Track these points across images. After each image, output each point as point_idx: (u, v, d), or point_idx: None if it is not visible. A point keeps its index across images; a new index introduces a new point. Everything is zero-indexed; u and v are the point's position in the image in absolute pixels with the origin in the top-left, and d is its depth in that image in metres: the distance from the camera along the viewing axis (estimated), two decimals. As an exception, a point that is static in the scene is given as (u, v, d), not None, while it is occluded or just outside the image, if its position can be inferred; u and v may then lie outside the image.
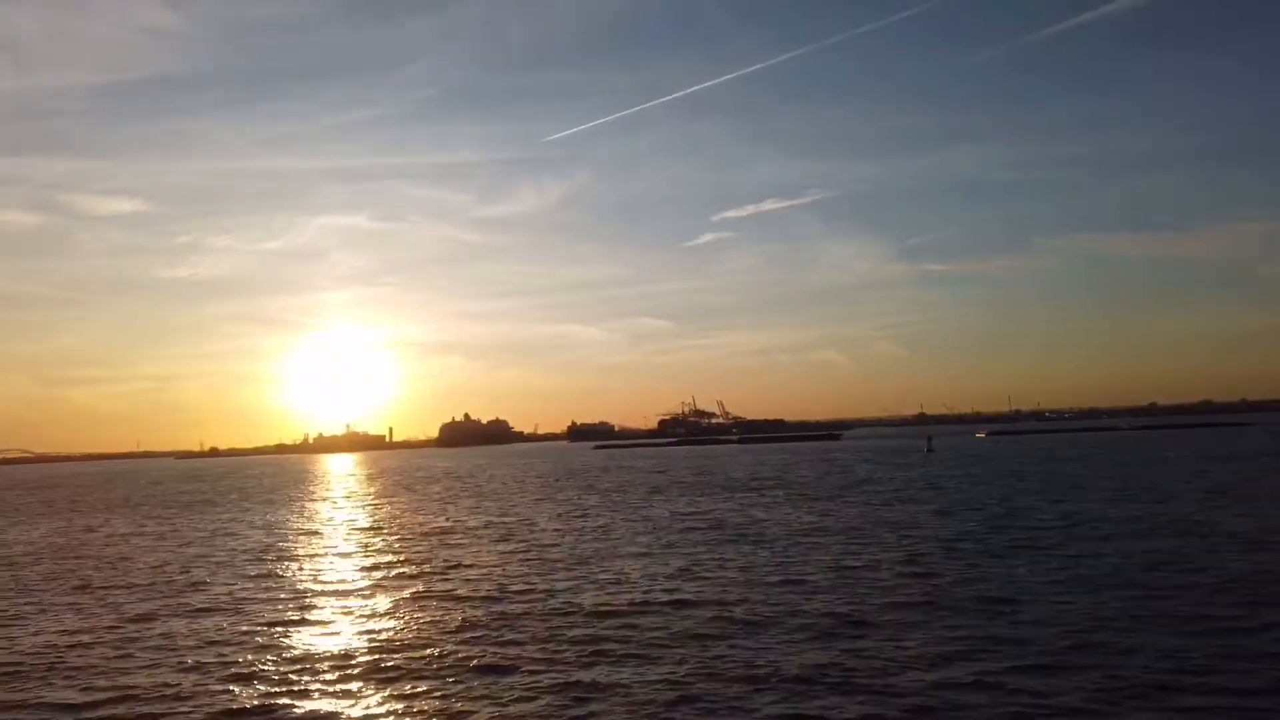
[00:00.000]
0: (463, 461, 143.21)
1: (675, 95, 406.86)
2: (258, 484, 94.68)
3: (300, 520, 45.60)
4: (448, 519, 42.07)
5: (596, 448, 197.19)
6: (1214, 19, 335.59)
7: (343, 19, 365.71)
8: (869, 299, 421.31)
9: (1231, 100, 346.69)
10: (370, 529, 39.22)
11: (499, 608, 19.79)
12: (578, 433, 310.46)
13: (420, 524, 40.23)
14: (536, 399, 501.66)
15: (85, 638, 18.47)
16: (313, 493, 72.24)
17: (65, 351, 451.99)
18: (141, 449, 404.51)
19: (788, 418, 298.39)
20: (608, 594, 20.83)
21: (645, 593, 20.79)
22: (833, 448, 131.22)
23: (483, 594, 21.52)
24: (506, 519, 40.52)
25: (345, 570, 26.70)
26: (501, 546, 30.58)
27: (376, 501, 57.30)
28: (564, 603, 19.99)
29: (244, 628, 18.81)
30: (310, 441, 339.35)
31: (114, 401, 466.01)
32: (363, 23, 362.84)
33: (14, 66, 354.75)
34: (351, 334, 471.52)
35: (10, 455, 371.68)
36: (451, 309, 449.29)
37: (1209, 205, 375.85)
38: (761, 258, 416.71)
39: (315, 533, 38.70)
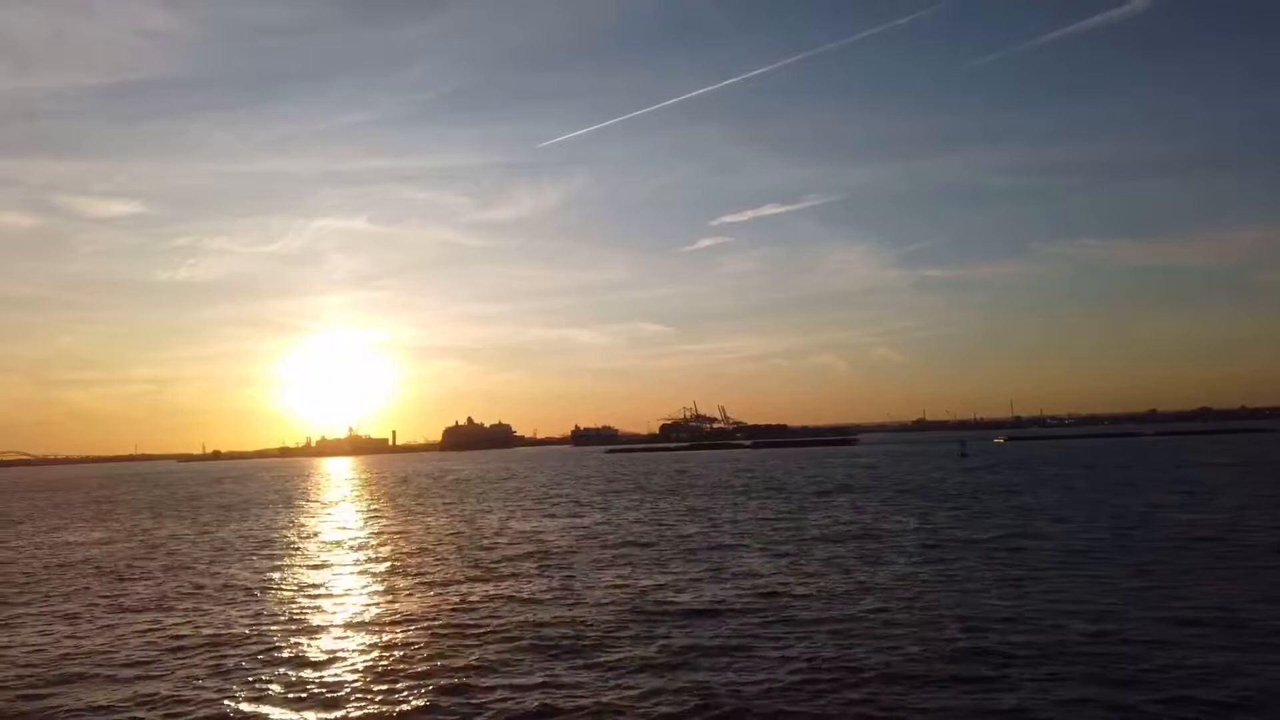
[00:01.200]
0: (478, 465, 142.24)
1: (674, 100, 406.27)
2: (287, 487, 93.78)
3: (377, 525, 44.82)
4: (537, 524, 41.36)
5: (608, 452, 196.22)
6: (1208, 27, 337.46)
7: (341, 22, 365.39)
8: (867, 304, 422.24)
9: (1226, 107, 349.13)
10: (462, 534, 38.44)
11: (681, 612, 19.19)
12: (581, 437, 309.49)
13: (519, 529, 39.54)
14: (535, 403, 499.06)
15: (238, 642, 17.85)
16: (352, 497, 71.34)
17: (63, 353, 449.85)
18: (140, 452, 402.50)
19: (788, 422, 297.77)
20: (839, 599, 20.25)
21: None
22: (854, 452, 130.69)
23: (660, 592, 20.93)
24: (583, 520, 39.85)
25: (475, 576, 26.02)
26: (622, 551, 29.94)
27: (438, 506, 56.46)
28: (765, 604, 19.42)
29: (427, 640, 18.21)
30: (313, 445, 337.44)
31: (111, 403, 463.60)
32: (361, 26, 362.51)
33: (13, 67, 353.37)
34: (349, 337, 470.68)
35: (8, 457, 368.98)
36: (449, 312, 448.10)
37: (1205, 211, 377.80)
38: (760, 262, 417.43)
39: (400, 532, 37.93)
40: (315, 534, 40.05)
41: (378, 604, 21.59)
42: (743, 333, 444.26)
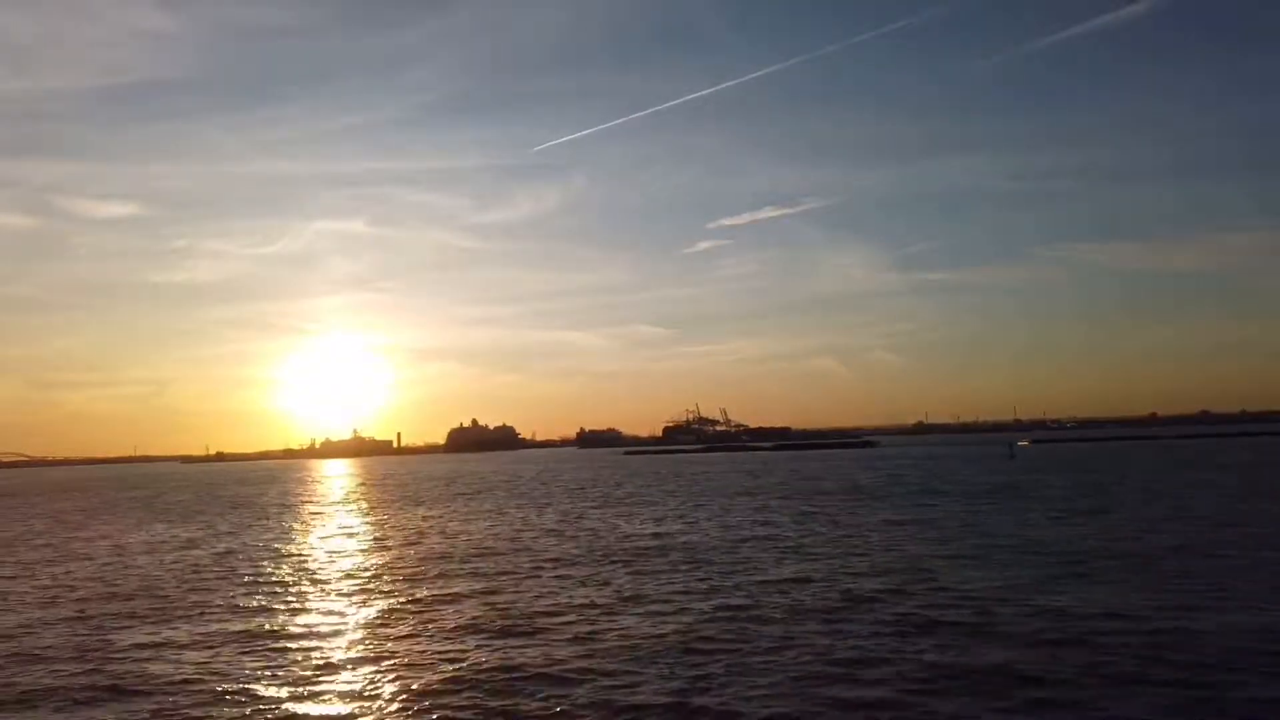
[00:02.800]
0: (496, 467, 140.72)
1: (672, 103, 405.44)
2: (329, 489, 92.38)
3: (486, 524, 43.57)
4: (661, 526, 40.24)
5: (627, 454, 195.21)
6: (1203, 34, 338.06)
7: (341, 23, 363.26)
8: (865, 307, 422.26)
9: (1222, 112, 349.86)
10: (587, 537, 37.27)
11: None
12: (587, 439, 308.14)
13: (643, 530, 38.44)
14: (534, 405, 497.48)
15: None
16: (407, 498, 70.01)
17: (60, 354, 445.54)
18: (140, 453, 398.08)
19: (790, 425, 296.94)
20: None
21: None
22: (883, 455, 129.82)
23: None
24: (702, 524, 38.79)
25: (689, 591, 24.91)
26: (803, 556, 28.90)
27: (524, 506, 55.22)
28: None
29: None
30: (317, 446, 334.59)
31: (108, 405, 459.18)
32: (361, 27, 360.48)
33: (11, 68, 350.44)
34: (347, 339, 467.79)
35: (6, 459, 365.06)
36: (447, 315, 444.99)
37: (1202, 216, 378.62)
38: (758, 265, 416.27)
39: (552, 531, 36.74)
40: (441, 536, 38.88)
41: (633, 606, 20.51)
42: (741, 335, 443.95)
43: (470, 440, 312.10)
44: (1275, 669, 13.75)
